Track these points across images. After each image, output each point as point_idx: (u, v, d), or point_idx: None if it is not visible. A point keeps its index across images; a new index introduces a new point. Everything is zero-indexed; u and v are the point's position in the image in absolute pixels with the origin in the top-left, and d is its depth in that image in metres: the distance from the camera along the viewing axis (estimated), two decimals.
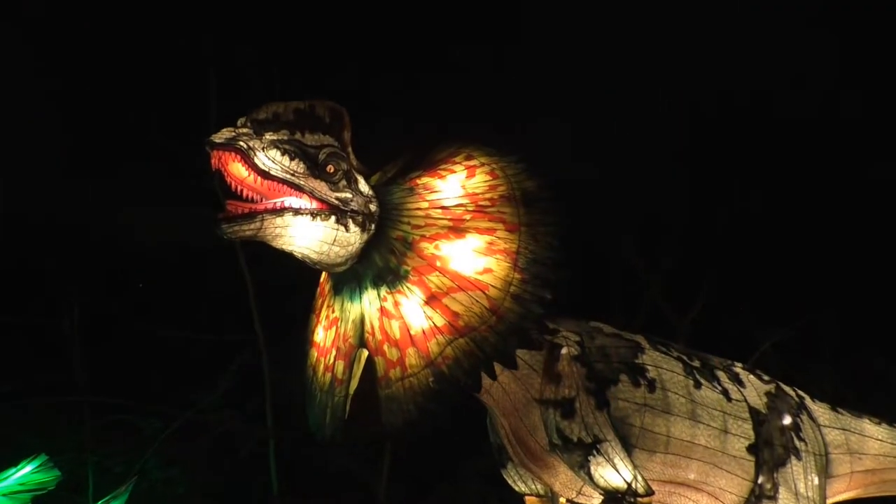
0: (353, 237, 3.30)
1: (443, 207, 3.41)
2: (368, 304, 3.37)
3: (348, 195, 3.31)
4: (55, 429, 6.81)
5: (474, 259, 3.31)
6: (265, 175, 3.12)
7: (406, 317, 3.29)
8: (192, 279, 7.18)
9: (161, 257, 7.04)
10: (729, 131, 7.16)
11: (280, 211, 3.20)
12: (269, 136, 3.18)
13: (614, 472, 3.38)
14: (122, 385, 6.97)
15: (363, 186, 3.40)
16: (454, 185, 3.46)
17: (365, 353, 3.37)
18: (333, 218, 3.27)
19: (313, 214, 3.27)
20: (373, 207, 3.38)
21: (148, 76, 6.69)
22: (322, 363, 3.56)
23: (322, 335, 3.61)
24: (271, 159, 3.14)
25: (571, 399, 3.45)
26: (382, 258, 3.35)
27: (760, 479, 3.73)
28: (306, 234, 3.28)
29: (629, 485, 3.39)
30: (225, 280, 7.16)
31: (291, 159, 3.19)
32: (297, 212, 3.23)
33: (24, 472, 4.74)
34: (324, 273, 3.65)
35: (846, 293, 7.20)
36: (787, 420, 3.96)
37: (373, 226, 3.35)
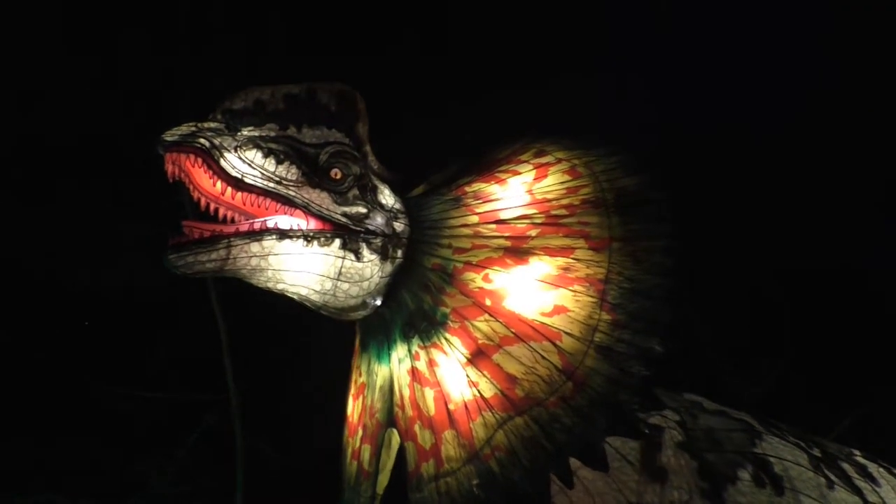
0: (368, 268, 2.54)
1: (499, 222, 2.59)
2: (398, 363, 2.57)
3: (361, 209, 2.56)
4: None
5: (540, 293, 2.47)
6: (237, 184, 2.41)
7: (443, 382, 2.46)
8: (146, 322, 6.15)
9: (104, 294, 6.01)
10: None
11: (257, 234, 2.45)
12: (246, 132, 2.47)
13: None
14: (49, 456, 5.88)
15: (387, 198, 2.63)
16: (517, 191, 2.65)
17: (396, 435, 2.58)
18: (338, 242, 2.52)
19: (308, 238, 2.50)
20: (398, 226, 2.61)
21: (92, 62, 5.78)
22: (350, 447, 2.79)
23: (351, 407, 2.83)
24: (248, 162, 2.42)
25: None
26: (414, 297, 2.57)
27: None
28: (300, 265, 2.50)
29: None
30: (189, 323, 6.14)
31: (279, 162, 2.47)
32: (283, 234, 2.48)
33: None
34: None
35: None
36: None
37: (399, 252, 2.59)
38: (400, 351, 2.56)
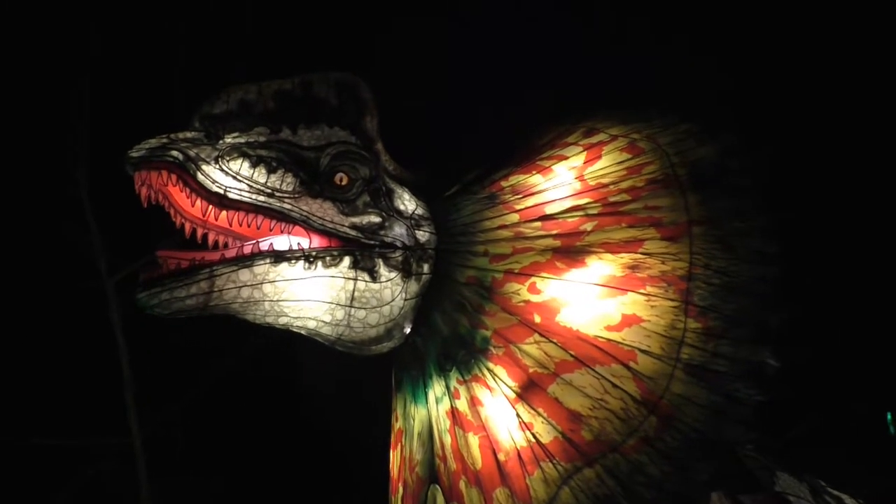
0: (387, 290, 2.24)
1: (545, 218, 2.28)
2: (435, 404, 2.26)
3: (374, 219, 2.27)
4: None
5: (602, 302, 2.14)
6: (220, 201, 2.14)
7: (490, 426, 2.15)
8: (28, 349, 5.32)
9: None
10: None
11: (247, 258, 2.16)
12: (230, 140, 2.20)
13: None
14: None
15: (406, 202, 2.33)
16: (565, 179, 2.35)
17: (440, 493, 2.24)
18: (347, 260, 2.22)
19: (310, 258, 2.19)
20: (422, 235, 2.31)
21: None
22: None
23: (391, 460, 2.50)
24: (232, 174, 2.14)
25: None
26: (448, 320, 2.26)
27: None
28: (302, 293, 2.19)
29: None
30: (84, 349, 5.38)
31: (271, 171, 2.18)
32: (279, 257, 2.17)
33: None
34: None
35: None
36: None
37: (425, 266, 2.29)
38: (437, 388, 2.23)
